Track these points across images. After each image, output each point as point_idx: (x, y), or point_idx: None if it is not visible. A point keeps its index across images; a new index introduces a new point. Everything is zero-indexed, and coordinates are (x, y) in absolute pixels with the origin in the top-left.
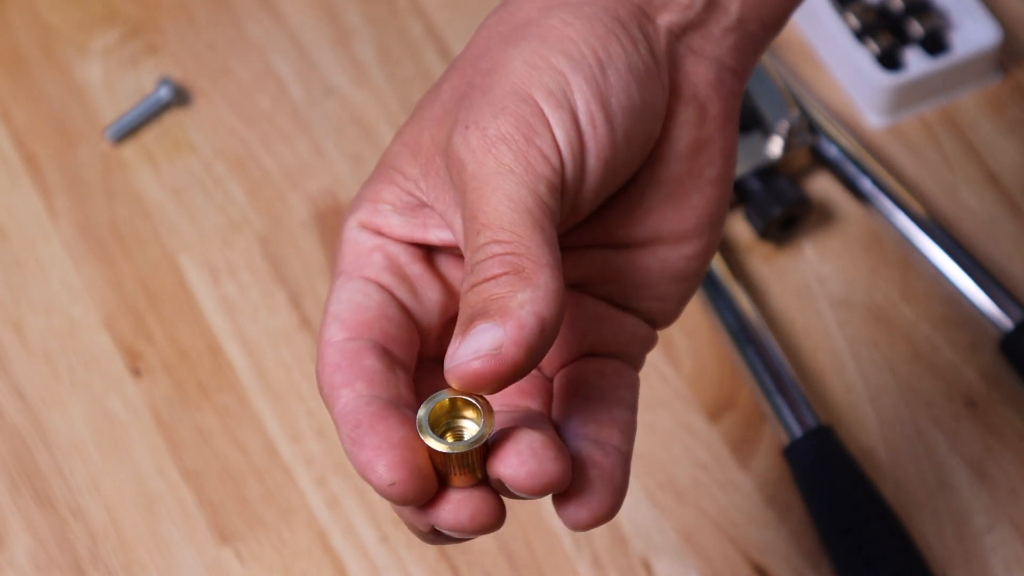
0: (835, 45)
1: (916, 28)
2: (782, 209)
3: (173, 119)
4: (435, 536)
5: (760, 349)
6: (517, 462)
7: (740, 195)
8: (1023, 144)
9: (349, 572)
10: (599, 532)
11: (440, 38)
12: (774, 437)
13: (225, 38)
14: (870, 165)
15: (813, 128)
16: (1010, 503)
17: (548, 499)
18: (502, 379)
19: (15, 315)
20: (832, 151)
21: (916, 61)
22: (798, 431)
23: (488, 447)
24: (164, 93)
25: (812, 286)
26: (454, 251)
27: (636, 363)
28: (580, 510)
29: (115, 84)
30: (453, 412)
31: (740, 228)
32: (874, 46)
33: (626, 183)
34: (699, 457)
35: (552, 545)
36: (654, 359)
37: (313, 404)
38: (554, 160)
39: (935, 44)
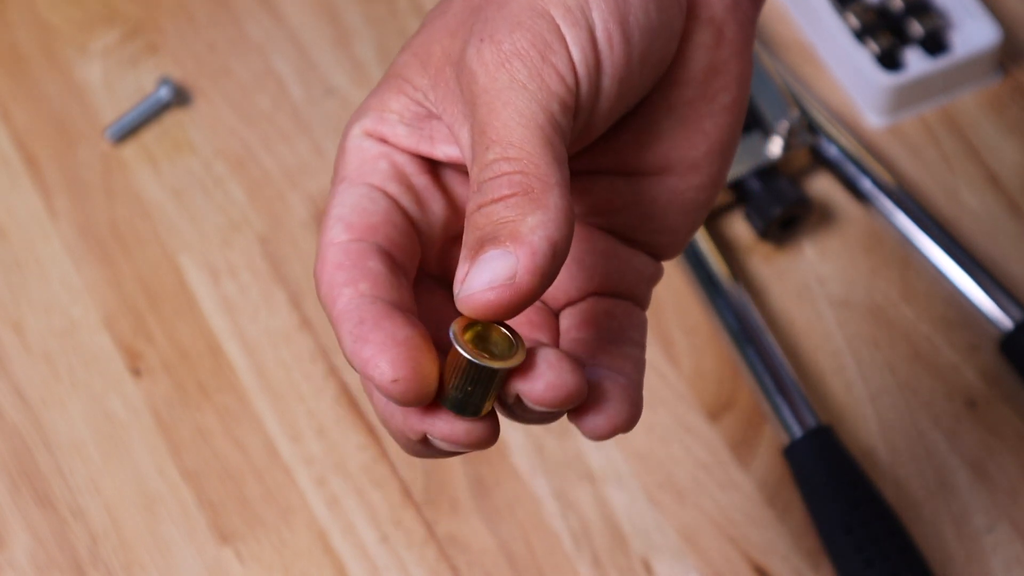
0: (835, 45)
1: (916, 28)
2: (782, 209)
3: (173, 119)
4: (423, 447)
5: (760, 349)
6: (534, 375)
7: (740, 195)
8: (1023, 144)
9: (349, 572)
10: (599, 532)
11: None
12: (774, 437)
13: (225, 38)
14: (870, 165)
15: (813, 128)
16: (1010, 503)
17: (549, 499)
18: (516, 308)
19: (15, 315)
20: (832, 151)
21: (916, 61)
22: (798, 431)
23: (501, 379)
24: (164, 93)
25: (812, 286)
26: (460, 168)
27: (644, 302)
28: (598, 418)
29: (115, 84)
30: (483, 335)
31: (740, 228)
32: (874, 46)
33: (637, 107)
34: (699, 457)
35: (552, 545)
36: (654, 359)
37: (313, 404)
38: (569, 79)
39: (935, 44)
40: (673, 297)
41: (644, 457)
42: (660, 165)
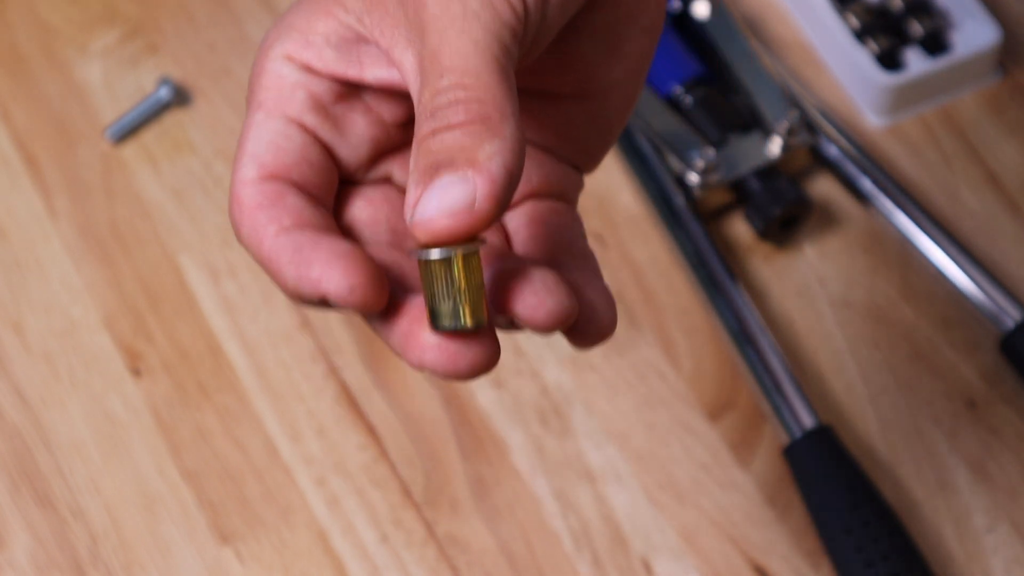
0: (835, 45)
1: (916, 28)
2: (782, 209)
3: (173, 119)
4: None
5: (760, 349)
6: (535, 301)
7: (740, 195)
8: (1023, 144)
9: (349, 572)
10: (599, 532)
11: None
12: (774, 437)
13: (225, 38)
14: (870, 165)
15: (812, 128)
16: (1010, 503)
17: (549, 499)
18: (473, 233)
19: (15, 315)
20: (832, 151)
21: (916, 61)
22: (798, 431)
23: (477, 271)
24: (164, 93)
25: (812, 286)
26: (386, 91)
27: (575, 205)
28: (590, 327)
29: (115, 84)
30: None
31: (740, 228)
32: (874, 46)
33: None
34: (699, 457)
35: (552, 545)
36: (654, 359)
37: (313, 404)
38: (518, 7)
39: (935, 44)
40: (673, 297)
41: (644, 457)
42: (580, 88)
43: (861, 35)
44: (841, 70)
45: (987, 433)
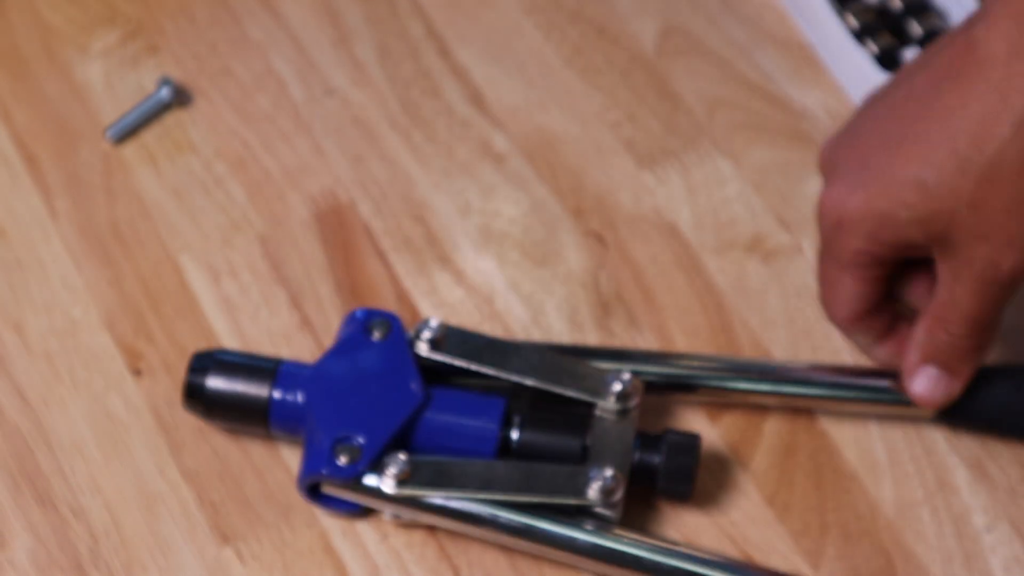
0: (834, 45)
1: (915, 28)
2: (695, 461)
3: (174, 119)
4: None
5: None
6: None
7: (641, 479)
8: None
9: (349, 571)
10: None
11: (440, 38)
12: (774, 436)
13: (226, 38)
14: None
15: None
16: (1009, 503)
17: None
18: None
19: (16, 315)
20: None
21: None
22: None
23: None
24: (165, 93)
25: (812, 286)
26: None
27: None
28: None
29: (116, 84)
30: None
31: (740, 228)
32: (873, 46)
33: None
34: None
35: None
36: None
37: None
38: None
39: None
40: (673, 297)
41: None
42: None
43: (860, 35)
44: (841, 70)
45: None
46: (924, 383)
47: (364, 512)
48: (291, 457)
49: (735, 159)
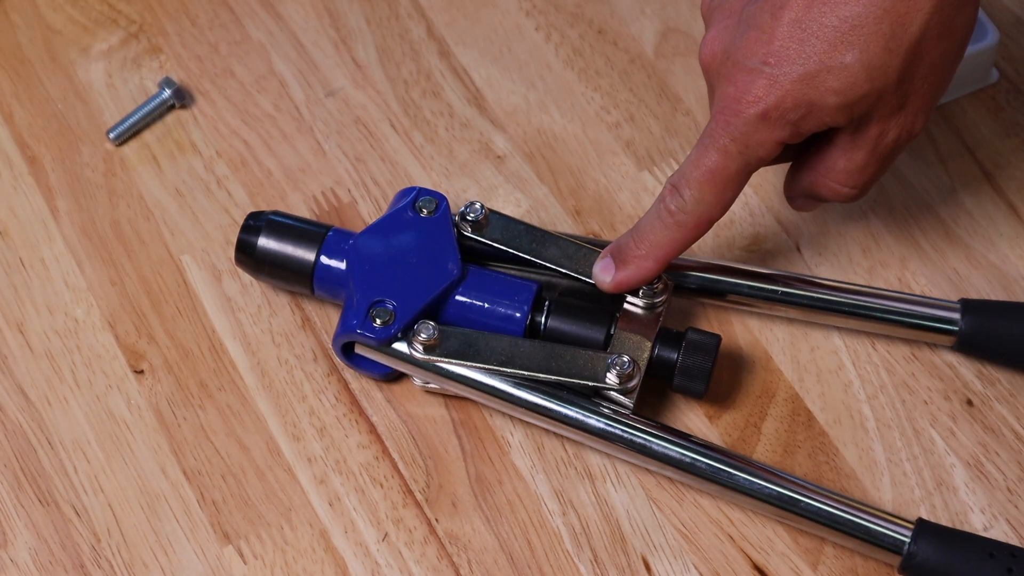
0: None
1: None
2: (712, 362)
3: (175, 120)
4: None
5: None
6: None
7: (659, 373)
8: (1019, 145)
9: (350, 570)
10: (599, 531)
11: (440, 39)
12: (774, 436)
13: (227, 39)
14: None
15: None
16: (1007, 502)
17: (549, 498)
18: None
19: (18, 315)
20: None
21: None
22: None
23: None
24: (166, 94)
25: None
26: None
27: None
28: None
29: (118, 85)
30: None
31: (739, 229)
32: None
33: None
34: None
35: (552, 544)
36: None
37: (315, 403)
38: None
39: None
40: (676, 308)
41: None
42: None
43: None
44: None
45: (984, 432)
46: (801, 204)
47: (394, 376)
48: (293, 456)
49: None
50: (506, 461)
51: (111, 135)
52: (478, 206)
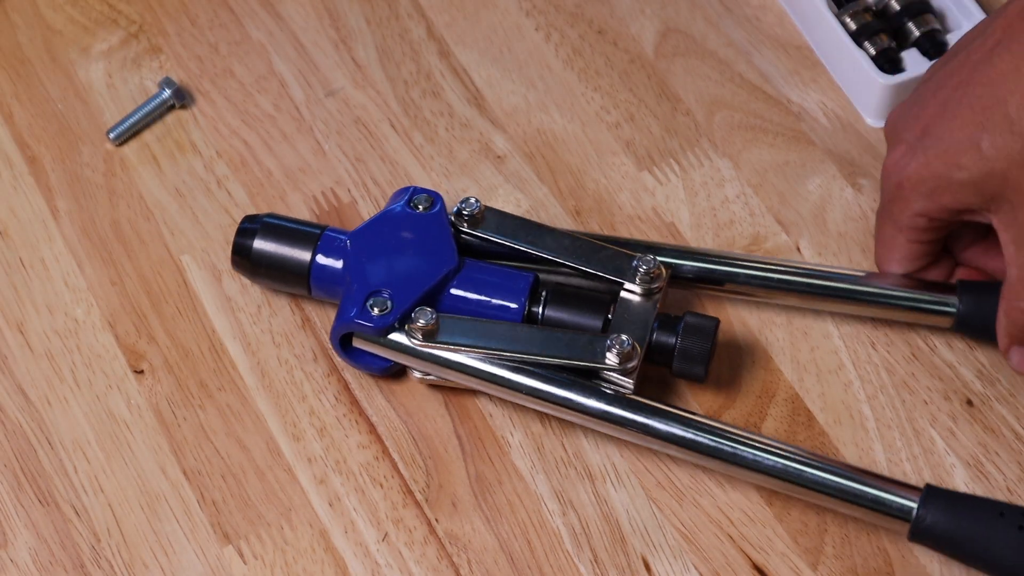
0: (833, 47)
1: (913, 30)
2: (711, 344)
3: (175, 120)
4: None
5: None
6: None
7: (656, 357)
8: None
9: (350, 570)
10: (599, 531)
11: (440, 39)
12: (773, 436)
13: (227, 39)
14: (868, 165)
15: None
16: (1007, 502)
17: (549, 498)
18: None
19: (18, 315)
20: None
21: (914, 63)
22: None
23: None
24: (166, 94)
25: None
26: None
27: None
28: None
29: (118, 85)
30: None
31: (738, 229)
32: (871, 48)
33: None
34: None
35: (552, 544)
36: None
37: (315, 403)
38: None
39: (932, 46)
40: (673, 300)
41: (643, 456)
42: None
43: (859, 37)
44: (839, 72)
45: (984, 432)
46: (1018, 359)
47: (393, 371)
48: (293, 456)
49: (734, 160)
50: (506, 461)
51: (111, 135)
52: (473, 201)
